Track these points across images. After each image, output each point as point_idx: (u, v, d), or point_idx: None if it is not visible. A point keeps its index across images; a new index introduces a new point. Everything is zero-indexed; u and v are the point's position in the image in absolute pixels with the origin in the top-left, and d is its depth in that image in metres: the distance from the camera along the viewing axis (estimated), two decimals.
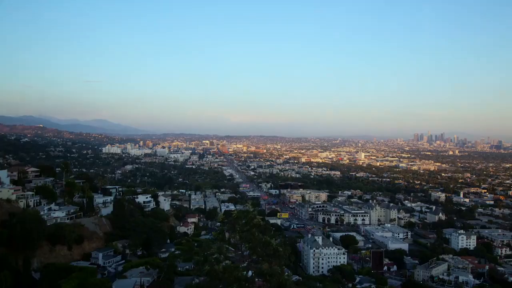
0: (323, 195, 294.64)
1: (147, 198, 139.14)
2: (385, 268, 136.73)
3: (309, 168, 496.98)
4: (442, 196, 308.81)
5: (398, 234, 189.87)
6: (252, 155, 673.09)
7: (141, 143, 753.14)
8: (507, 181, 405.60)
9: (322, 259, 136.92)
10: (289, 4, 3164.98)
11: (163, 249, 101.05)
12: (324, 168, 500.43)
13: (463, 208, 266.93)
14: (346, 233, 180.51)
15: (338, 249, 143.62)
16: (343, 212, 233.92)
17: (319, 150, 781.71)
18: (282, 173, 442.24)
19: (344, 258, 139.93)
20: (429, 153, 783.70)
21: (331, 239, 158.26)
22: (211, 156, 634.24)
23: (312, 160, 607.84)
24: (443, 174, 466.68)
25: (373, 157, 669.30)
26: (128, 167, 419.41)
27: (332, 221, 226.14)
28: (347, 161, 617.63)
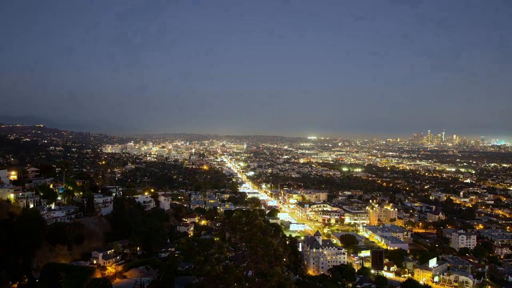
0: (323, 195, 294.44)
1: (147, 198, 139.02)
2: (385, 268, 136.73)
3: (309, 168, 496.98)
4: (442, 196, 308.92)
5: (398, 234, 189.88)
6: (252, 155, 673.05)
7: (141, 143, 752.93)
8: (507, 181, 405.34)
9: (322, 259, 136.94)
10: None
11: (163, 249, 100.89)
12: (324, 168, 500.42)
13: (463, 208, 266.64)
14: (346, 233, 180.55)
15: (338, 249, 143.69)
16: (343, 212, 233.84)
17: (319, 150, 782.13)
18: (282, 173, 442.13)
19: (344, 258, 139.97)
20: (429, 153, 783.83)
21: (331, 239, 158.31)
22: (211, 156, 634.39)
23: (312, 160, 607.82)
24: (443, 174, 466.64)
25: (373, 157, 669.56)
26: (128, 167, 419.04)
27: (332, 221, 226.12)
28: (347, 161, 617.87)
